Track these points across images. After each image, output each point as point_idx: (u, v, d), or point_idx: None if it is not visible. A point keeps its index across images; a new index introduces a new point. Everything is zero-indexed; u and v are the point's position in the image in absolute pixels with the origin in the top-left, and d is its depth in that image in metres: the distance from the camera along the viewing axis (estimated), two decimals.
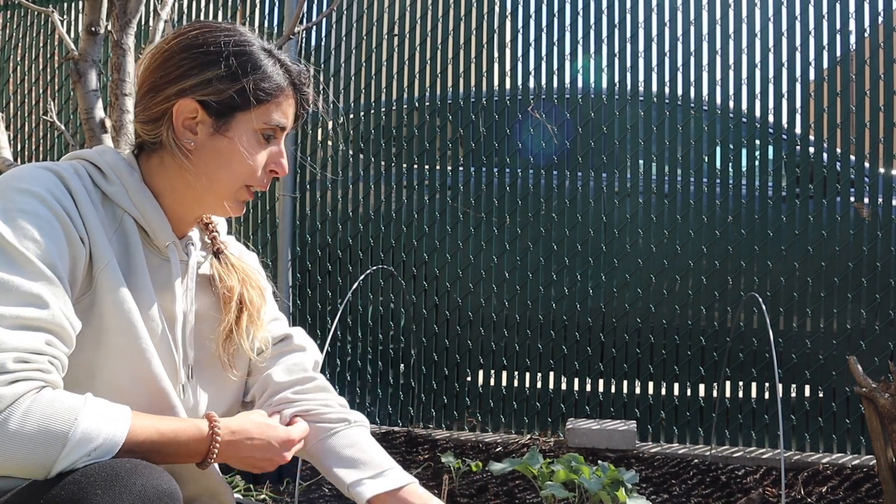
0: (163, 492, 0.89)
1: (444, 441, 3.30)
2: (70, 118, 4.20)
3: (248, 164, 1.12)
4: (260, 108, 1.11)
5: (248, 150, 1.11)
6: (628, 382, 3.36)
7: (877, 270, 3.08)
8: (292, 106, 1.16)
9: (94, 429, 0.89)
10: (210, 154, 1.10)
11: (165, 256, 1.13)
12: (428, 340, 3.56)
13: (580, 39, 3.45)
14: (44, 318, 0.92)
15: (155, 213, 1.11)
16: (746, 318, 3.20)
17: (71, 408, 0.89)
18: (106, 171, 1.09)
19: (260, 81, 1.11)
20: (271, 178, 1.17)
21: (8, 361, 0.88)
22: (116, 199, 1.08)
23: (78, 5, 4.18)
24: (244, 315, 1.20)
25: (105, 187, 1.08)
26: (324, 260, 3.73)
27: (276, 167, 1.16)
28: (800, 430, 3.14)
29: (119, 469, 0.88)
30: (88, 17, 2.03)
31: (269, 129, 1.13)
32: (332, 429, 1.22)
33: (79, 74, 2.03)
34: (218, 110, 1.09)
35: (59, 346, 0.94)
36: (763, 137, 3.22)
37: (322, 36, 3.77)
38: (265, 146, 1.14)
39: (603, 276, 3.37)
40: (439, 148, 3.60)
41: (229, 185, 1.12)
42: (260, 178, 1.14)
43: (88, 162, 1.10)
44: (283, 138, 1.17)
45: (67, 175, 1.03)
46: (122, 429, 0.92)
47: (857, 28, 3.13)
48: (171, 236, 1.12)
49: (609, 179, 3.37)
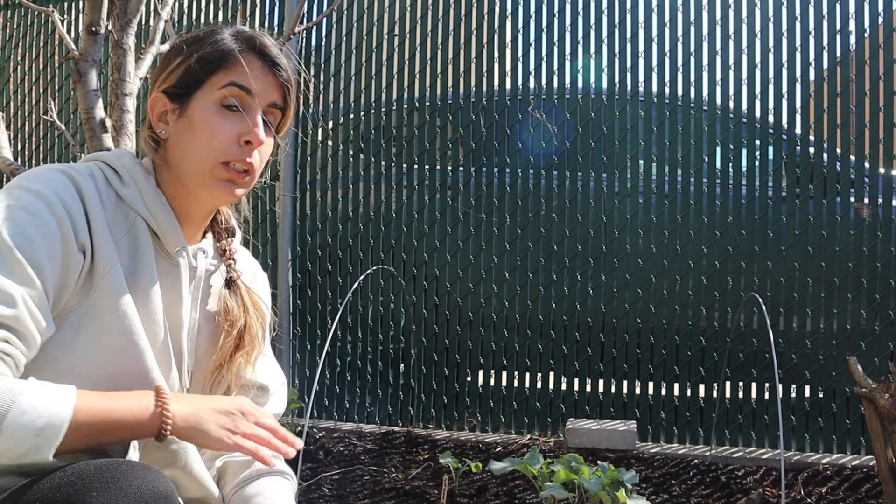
0: (158, 493, 0.89)
1: (444, 441, 3.30)
2: (70, 118, 4.20)
3: (213, 138, 1.09)
4: (212, 79, 1.10)
5: (209, 123, 1.09)
6: (628, 383, 3.36)
7: (877, 271, 3.08)
8: (257, 73, 1.11)
9: (34, 408, 0.88)
10: (178, 138, 1.11)
11: (175, 261, 1.13)
12: (428, 340, 3.56)
13: (580, 40, 3.45)
14: (7, 316, 0.92)
15: (167, 218, 1.11)
16: (746, 319, 3.20)
17: (10, 390, 0.89)
18: (122, 174, 1.10)
19: (207, 53, 1.10)
20: (250, 151, 1.10)
21: None
22: (130, 201, 1.09)
23: (78, 5, 4.18)
24: (240, 352, 1.18)
25: (120, 189, 1.09)
26: (324, 260, 3.73)
27: (249, 136, 1.10)
28: (800, 430, 3.14)
29: (115, 471, 0.88)
30: (89, 17, 2.03)
31: (230, 98, 1.09)
32: (246, 480, 1.21)
33: (79, 74, 2.03)
34: (176, 94, 1.11)
35: (16, 345, 0.94)
36: (763, 138, 3.22)
37: (322, 36, 3.77)
38: (229, 116, 1.09)
39: (603, 277, 3.37)
40: (439, 148, 3.60)
41: (202, 165, 1.09)
42: (232, 151, 1.09)
43: (105, 164, 1.11)
44: (258, 107, 1.11)
45: (81, 178, 1.04)
46: (65, 409, 0.89)
47: (857, 28, 3.13)
48: (181, 242, 1.12)
49: (609, 180, 3.37)
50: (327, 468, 2.99)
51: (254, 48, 1.11)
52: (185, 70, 1.11)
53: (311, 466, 2.99)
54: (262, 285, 1.30)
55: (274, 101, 1.13)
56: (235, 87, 1.09)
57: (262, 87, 1.11)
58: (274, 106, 1.13)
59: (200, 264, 1.16)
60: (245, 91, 1.10)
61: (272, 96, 1.12)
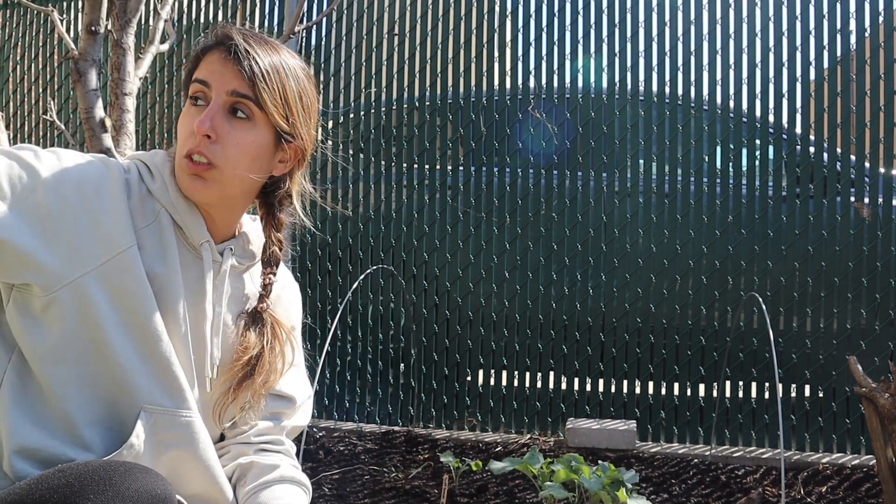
0: (156, 496, 0.89)
1: (444, 441, 3.30)
2: (70, 117, 4.19)
3: (180, 131, 1.13)
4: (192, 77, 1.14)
5: (181, 119, 1.13)
6: (628, 382, 3.36)
7: (877, 270, 3.08)
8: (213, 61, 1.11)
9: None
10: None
11: (199, 254, 1.15)
12: (428, 340, 3.56)
13: (580, 39, 3.45)
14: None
15: (189, 211, 1.13)
16: (746, 318, 3.20)
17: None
18: (153, 170, 1.14)
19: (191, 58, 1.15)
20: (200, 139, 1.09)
21: None
22: (157, 195, 1.12)
23: (77, 4, 4.18)
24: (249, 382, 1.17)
25: (149, 184, 1.12)
26: (324, 259, 3.73)
27: (194, 125, 1.09)
28: (800, 429, 3.14)
29: (113, 472, 0.88)
30: (88, 17, 2.03)
31: (196, 92, 1.12)
32: (265, 484, 1.21)
33: (79, 74, 2.03)
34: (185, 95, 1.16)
35: None
36: (763, 137, 3.22)
37: (322, 35, 3.77)
38: (193, 112, 1.12)
39: (603, 276, 3.37)
40: (439, 148, 3.60)
41: (178, 158, 1.13)
42: (189, 142, 1.10)
43: (141, 161, 1.15)
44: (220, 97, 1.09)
45: (113, 165, 1.09)
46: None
47: (857, 28, 3.13)
48: (204, 235, 1.14)
49: (609, 179, 3.37)
50: (327, 468, 2.99)
51: (216, 41, 1.12)
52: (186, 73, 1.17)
53: (311, 466, 2.99)
54: (291, 295, 1.31)
55: (233, 88, 1.09)
56: (196, 83, 1.11)
57: (218, 76, 1.10)
58: (237, 94, 1.09)
59: (226, 260, 1.17)
60: (201, 83, 1.11)
61: (230, 84, 1.09)
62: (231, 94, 1.09)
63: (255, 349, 1.17)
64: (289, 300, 1.31)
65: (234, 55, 1.09)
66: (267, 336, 1.19)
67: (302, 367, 1.31)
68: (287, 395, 1.27)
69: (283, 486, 1.21)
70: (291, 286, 1.33)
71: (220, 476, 1.16)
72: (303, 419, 1.31)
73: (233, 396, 1.17)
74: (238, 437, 1.24)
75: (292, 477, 1.23)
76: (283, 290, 1.29)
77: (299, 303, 1.34)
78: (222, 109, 1.10)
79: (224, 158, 1.10)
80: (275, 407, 1.25)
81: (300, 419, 1.30)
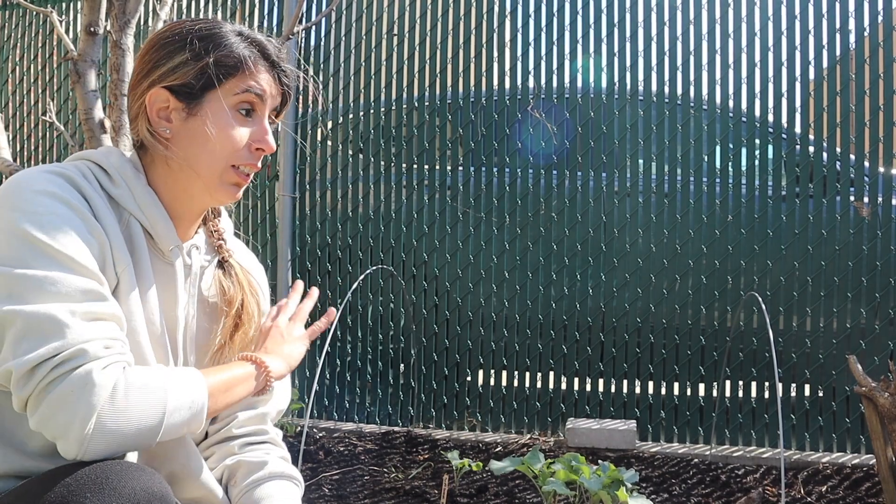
0: (153, 494, 0.89)
1: (444, 441, 3.30)
2: (69, 118, 4.19)
3: (229, 143, 1.09)
4: (228, 82, 1.09)
5: (223, 126, 1.09)
6: (628, 382, 3.36)
7: (877, 270, 3.08)
8: (267, 79, 1.13)
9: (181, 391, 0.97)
10: (186, 139, 1.09)
11: (169, 260, 1.12)
12: (428, 340, 3.56)
13: (580, 39, 3.45)
14: (107, 310, 0.96)
15: (160, 217, 1.10)
16: (746, 318, 3.20)
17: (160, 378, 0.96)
18: (112, 174, 1.09)
19: (223, 56, 1.09)
20: (260, 157, 1.13)
21: (99, 349, 0.92)
22: (122, 202, 1.08)
23: (76, 5, 4.18)
24: (239, 331, 1.19)
25: (111, 190, 1.08)
26: (323, 260, 3.72)
27: (261, 144, 1.12)
28: (800, 429, 3.14)
29: (109, 472, 0.88)
30: (87, 18, 2.03)
31: (245, 103, 1.11)
32: (256, 482, 1.21)
33: (78, 75, 2.03)
34: (187, 93, 1.09)
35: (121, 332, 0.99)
36: (763, 137, 3.22)
37: (321, 36, 3.77)
38: (244, 122, 1.11)
39: (603, 276, 3.36)
40: (439, 148, 3.60)
41: (212, 167, 1.09)
42: (243, 155, 1.11)
43: (94, 163, 1.09)
44: (266, 114, 1.14)
45: (77, 178, 1.03)
46: (202, 391, 1.00)
47: (856, 27, 3.13)
48: (175, 240, 1.12)
49: (609, 179, 3.37)
50: (327, 468, 2.99)
51: (265, 55, 1.13)
52: (199, 70, 1.08)
53: (311, 466, 2.99)
54: (258, 278, 1.30)
55: (276, 105, 1.16)
56: (252, 94, 1.11)
57: (270, 93, 1.13)
58: (273, 111, 1.16)
59: (195, 261, 1.16)
60: (260, 98, 1.12)
61: (276, 102, 1.15)
62: (273, 110, 1.16)
63: (238, 298, 1.20)
64: (258, 275, 1.30)
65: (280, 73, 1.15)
66: (242, 282, 1.22)
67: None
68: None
69: (274, 483, 1.21)
70: (258, 268, 1.32)
71: (209, 480, 1.16)
72: (283, 401, 1.30)
73: (228, 349, 1.19)
74: (221, 433, 1.24)
75: (282, 472, 1.23)
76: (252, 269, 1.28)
77: (267, 288, 1.34)
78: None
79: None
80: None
81: (280, 402, 1.30)
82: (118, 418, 0.89)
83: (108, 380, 0.90)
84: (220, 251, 1.21)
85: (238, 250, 1.28)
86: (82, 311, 0.92)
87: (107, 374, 0.90)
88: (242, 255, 1.28)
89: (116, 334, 0.96)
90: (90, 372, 0.89)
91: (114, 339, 0.95)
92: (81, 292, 0.94)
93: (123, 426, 0.90)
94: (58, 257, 0.94)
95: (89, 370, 0.89)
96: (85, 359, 0.90)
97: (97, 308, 0.94)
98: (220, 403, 1.04)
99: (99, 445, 0.89)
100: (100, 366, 0.90)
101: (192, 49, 1.08)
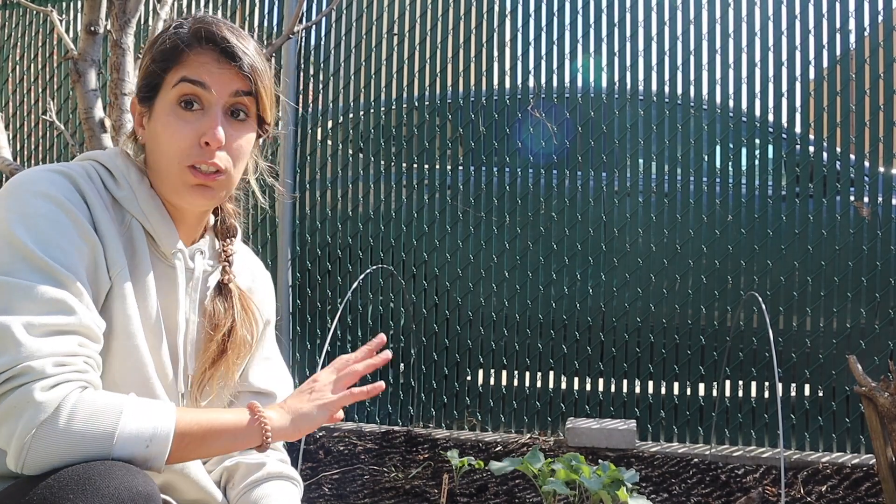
0: (138, 493, 0.87)
1: (444, 440, 3.30)
2: (69, 117, 4.19)
3: (172, 142, 1.04)
4: (167, 77, 1.06)
5: (167, 126, 1.05)
6: (628, 382, 3.36)
7: (877, 269, 3.08)
8: (205, 60, 1.04)
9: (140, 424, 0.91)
10: (150, 142, 1.09)
11: (171, 263, 1.11)
12: (428, 340, 3.56)
13: (580, 38, 3.45)
14: (72, 323, 0.93)
15: (162, 221, 1.09)
16: (746, 318, 3.20)
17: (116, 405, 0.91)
18: (116, 176, 1.08)
19: (159, 51, 1.06)
20: (212, 151, 1.05)
21: (48, 366, 0.89)
22: (126, 204, 1.07)
23: (77, 4, 4.18)
24: (223, 359, 1.16)
25: (115, 192, 1.07)
26: (323, 259, 3.72)
27: (205, 137, 1.04)
28: (799, 429, 3.14)
29: (92, 472, 0.87)
30: (88, 17, 2.03)
31: (185, 96, 1.04)
32: (254, 483, 1.20)
33: (78, 74, 2.03)
34: (144, 97, 1.08)
35: (90, 346, 0.95)
36: (763, 136, 3.22)
37: (321, 35, 3.77)
38: (187, 117, 1.04)
39: (603, 276, 3.36)
40: (439, 147, 3.60)
41: (169, 170, 1.06)
42: (194, 153, 1.04)
43: (100, 164, 1.09)
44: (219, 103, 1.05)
45: (80, 179, 1.02)
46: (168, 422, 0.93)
47: (856, 27, 3.13)
48: (177, 244, 1.11)
49: (609, 179, 3.37)
50: (327, 468, 2.99)
51: (204, 38, 1.05)
52: (146, 70, 1.07)
53: (310, 466, 2.99)
54: (263, 285, 1.28)
55: (236, 89, 1.06)
56: (187, 83, 1.03)
57: (217, 78, 1.04)
58: (240, 94, 1.06)
59: (198, 266, 1.15)
60: (198, 85, 1.04)
61: (231, 86, 1.05)
62: (235, 94, 1.06)
63: (226, 325, 1.15)
64: (261, 292, 1.27)
65: (229, 53, 1.05)
66: (236, 308, 1.17)
67: (277, 360, 1.29)
68: (265, 390, 1.25)
69: (272, 484, 1.20)
70: (263, 275, 1.29)
71: (207, 483, 1.16)
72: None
73: (209, 375, 1.16)
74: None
75: (280, 472, 1.22)
76: (254, 283, 1.26)
77: (272, 295, 1.31)
78: (223, 113, 1.06)
79: (230, 163, 1.07)
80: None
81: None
82: (57, 439, 0.87)
83: (52, 399, 0.88)
84: (223, 273, 1.18)
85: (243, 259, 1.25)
86: (42, 323, 0.91)
87: (51, 394, 0.88)
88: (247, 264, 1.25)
89: (77, 350, 0.93)
90: (31, 391, 0.87)
91: (72, 354, 0.92)
92: (49, 302, 0.92)
93: (62, 448, 0.87)
94: (38, 263, 0.93)
95: (30, 390, 0.87)
96: (29, 377, 0.88)
97: (60, 321, 0.92)
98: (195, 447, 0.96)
99: (36, 464, 0.87)
100: (45, 385, 0.88)
101: (150, 51, 1.08)
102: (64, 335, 0.92)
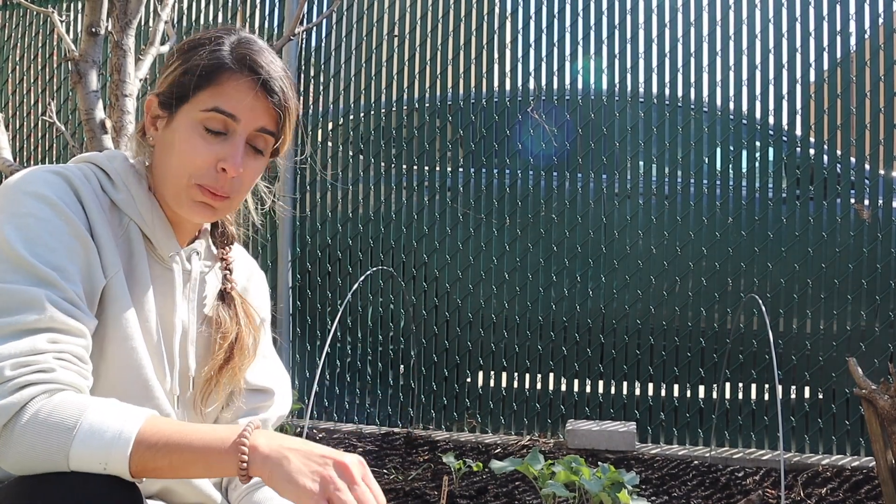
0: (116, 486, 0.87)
1: (443, 442, 3.30)
2: (69, 118, 4.19)
3: (190, 160, 1.03)
4: (199, 96, 1.04)
5: (186, 140, 1.03)
6: (628, 384, 3.36)
7: (877, 272, 3.08)
8: (241, 90, 1.03)
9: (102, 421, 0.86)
10: (161, 148, 1.08)
11: (168, 266, 1.11)
12: (428, 341, 3.56)
13: (580, 40, 3.45)
14: (40, 320, 0.91)
15: (161, 224, 1.09)
16: (746, 320, 3.20)
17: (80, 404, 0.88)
18: (114, 178, 1.07)
19: (195, 66, 1.04)
20: (225, 179, 1.04)
21: (5, 369, 0.87)
22: (123, 207, 1.07)
23: (77, 5, 4.18)
24: (229, 365, 1.16)
25: (113, 195, 1.06)
26: (324, 261, 3.72)
27: (224, 164, 1.03)
28: (799, 431, 3.14)
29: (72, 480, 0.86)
30: (89, 18, 2.03)
31: (215, 121, 1.03)
32: (255, 485, 1.19)
33: (79, 75, 2.03)
34: (166, 102, 1.07)
35: (66, 341, 0.92)
36: (763, 139, 3.22)
37: (322, 37, 3.77)
38: (210, 140, 1.03)
39: (603, 278, 3.37)
40: (439, 149, 3.60)
41: (175, 181, 1.05)
42: (207, 176, 1.03)
43: (98, 167, 1.08)
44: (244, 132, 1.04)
45: (77, 180, 1.02)
46: (132, 425, 0.87)
47: (857, 30, 3.13)
48: (175, 247, 1.11)
49: (609, 181, 3.37)
50: None
51: (247, 66, 1.03)
52: (176, 79, 1.06)
53: None
54: (258, 284, 1.28)
55: (262, 125, 1.05)
56: (219, 114, 1.03)
57: (249, 111, 1.04)
58: (263, 131, 1.06)
59: (195, 267, 1.15)
60: (229, 117, 1.03)
61: (260, 121, 1.05)
62: (259, 130, 1.06)
63: (232, 333, 1.15)
64: (257, 290, 1.27)
65: (268, 88, 1.04)
66: (240, 316, 1.17)
67: (273, 357, 1.29)
68: (264, 387, 1.24)
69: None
70: (258, 275, 1.29)
71: (207, 486, 1.15)
72: (284, 407, 1.28)
73: (215, 382, 1.15)
74: None
75: None
76: (249, 282, 1.26)
77: (267, 292, 1.31)
78: (244, 144, 1.06)
79: (238, 191, 1.07)
80: (254, 402, 1.23)
81: (280, 408, 1.27)
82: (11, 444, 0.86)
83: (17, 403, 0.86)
84: (224, 281, 1.18)
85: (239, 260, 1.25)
86: (6, 323, 0.90)
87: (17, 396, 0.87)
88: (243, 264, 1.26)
89: (44, 346, 0.90)
90: None
91: (38, 352, 0.89)
92: (19, 302, 0.91)
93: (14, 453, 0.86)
94: (19, 263, 0.93)
95: None
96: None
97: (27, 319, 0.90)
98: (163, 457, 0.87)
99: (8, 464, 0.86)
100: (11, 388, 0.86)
101: (183, 57, 1.07)
102: (31, 334, 0.90)
